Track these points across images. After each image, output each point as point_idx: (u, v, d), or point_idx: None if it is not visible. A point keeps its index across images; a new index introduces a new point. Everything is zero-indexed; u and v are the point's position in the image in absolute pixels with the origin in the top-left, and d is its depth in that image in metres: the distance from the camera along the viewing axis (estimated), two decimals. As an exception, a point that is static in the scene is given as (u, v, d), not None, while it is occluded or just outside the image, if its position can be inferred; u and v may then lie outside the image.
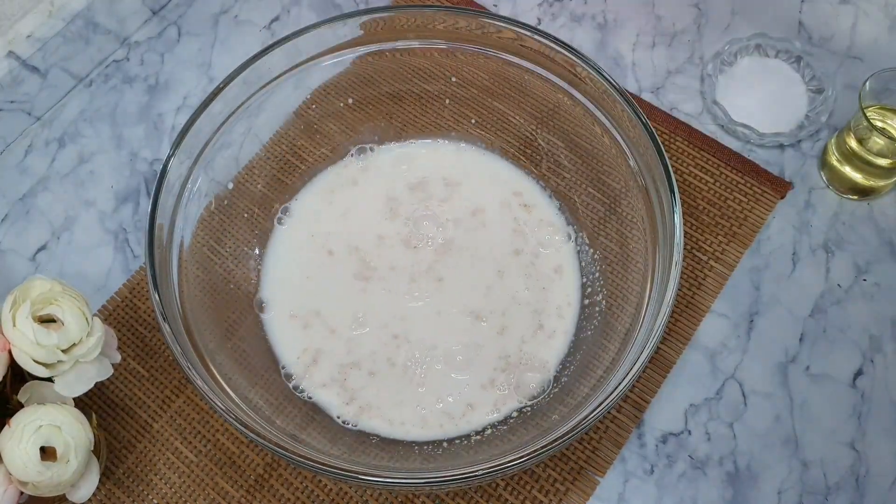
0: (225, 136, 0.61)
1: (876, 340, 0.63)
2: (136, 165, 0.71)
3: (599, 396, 0.51)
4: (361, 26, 0.63)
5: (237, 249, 0.64)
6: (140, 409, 0.61)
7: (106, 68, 0.76)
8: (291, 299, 0.63)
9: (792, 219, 0.67)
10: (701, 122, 0.71)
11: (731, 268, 0.65)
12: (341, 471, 0.49)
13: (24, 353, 0.50)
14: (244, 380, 0.57)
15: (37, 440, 0.50)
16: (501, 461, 0.49)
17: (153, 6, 0.77)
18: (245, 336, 0.61)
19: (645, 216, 0.58)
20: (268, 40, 0.76)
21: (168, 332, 0.52)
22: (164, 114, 0.73)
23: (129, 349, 0.63)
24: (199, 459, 0.60)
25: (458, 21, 0.63)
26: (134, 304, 0.65)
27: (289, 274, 0.64)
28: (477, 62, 0.65)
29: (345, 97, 0.67)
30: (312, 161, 0.67)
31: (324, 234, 0.65)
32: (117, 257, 0.67)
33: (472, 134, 0.68)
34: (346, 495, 0.58)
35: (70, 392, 0.53)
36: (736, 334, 0.63)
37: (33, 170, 0.71)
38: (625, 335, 0.56)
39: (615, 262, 0.62)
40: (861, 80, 0.64)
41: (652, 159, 0.57)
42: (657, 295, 0.54)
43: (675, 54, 0.75)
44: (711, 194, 0.68)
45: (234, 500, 0.58)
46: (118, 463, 0.60)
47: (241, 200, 0.64)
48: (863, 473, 0.59)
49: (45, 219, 0.69)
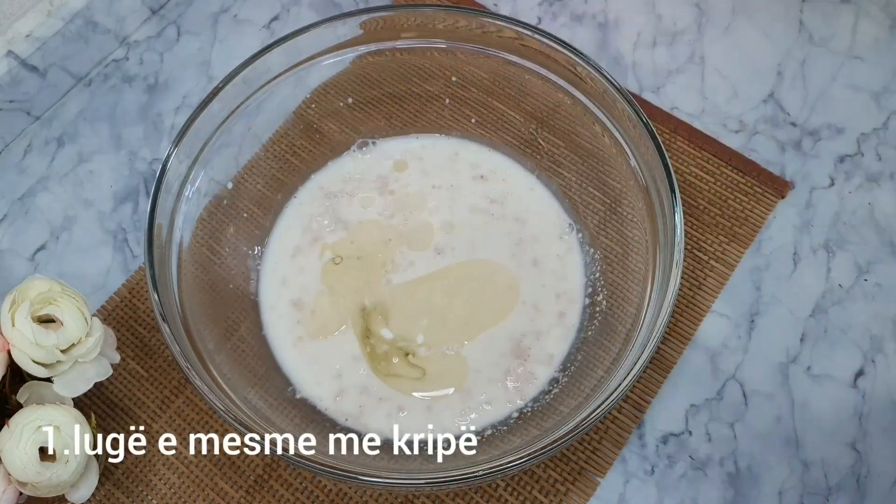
0: (224, 136, 0.61)
1: (877, 340, 0.63)
2: (135, 165, 0.71)
3: (600, 397, 0.51)
4: (361, 26, 0.62)
5: (237, 249, 0.64)
6: (140, 409, 0.61)
7: (105, 68, 0.76)
8: (291, 299, 0.63)
9: (793, 218, 0.67)
10: (702, 122, 0.71)
11: (732, 268, 0.65)
12: (341, 471, 0.49)
13: (23, 353, 0.50)
14: (243, 380, 0.56)
15: (36, 440, 0.50)
16: (501, 461, 0.49)
17: (153, 5, 0.77)
18: (244, 336, 0.61)
19: (645, 216, 0.58)
20: (267, 40, 0.76)
21: (167, 332, 0.52)
22: (164, 113, 0.73)
23: (129, 349, 0.63)
24: (198, 460, 0.59)
25: (458, 20, 0.62)
26: (133, 304, 0.65)
27: (289, 274, 0.64)
28: (477, 62, 0.65)
29: (344, 97, 0.67)
30: (312, 161, 0.67)
31: (324, 234, 0.65)
32: (116, 257, 0.67)
33: (472, 133, 0.68)
34: (346, 495, 0.58)
35: (69, 392, 0.52)
36: (737, 334, 0.63)
37: (32, 169, 0.71)
38: (625, 335, 0.56)
39: (615, 262, 0.62)
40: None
41: (652, 159, 0.57)
42: (658, 295, 0.54)
43: (676, 54, 0.75)
44: (712, 194, 0.67)
45: (234, 500, 0.58)
46: (118, 463, 0.59)
47: (240, 200, 0.64)
48: (864, 474, 0.59)
49: (44, 218, 0.69)
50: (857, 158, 0.69)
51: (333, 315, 0.62)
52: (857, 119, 0.71)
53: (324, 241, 0.65)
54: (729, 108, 0.72)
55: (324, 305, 0.62)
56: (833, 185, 0.68)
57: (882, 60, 0.73)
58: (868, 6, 0.76)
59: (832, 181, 0.69)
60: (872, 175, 0.69)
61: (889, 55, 0.73)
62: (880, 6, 0.76)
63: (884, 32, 0.75)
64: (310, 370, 0.60)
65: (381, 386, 0.59)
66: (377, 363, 0.60)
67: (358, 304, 0.62)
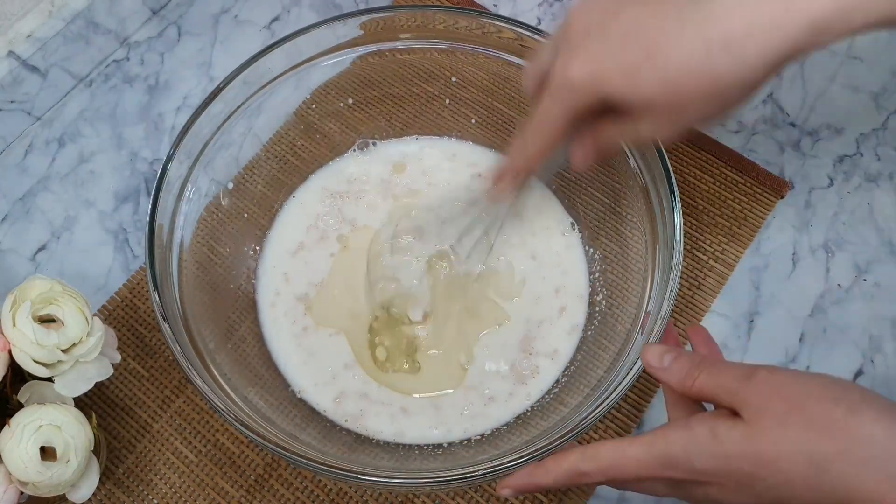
0: (225, 136, 0.61)
1: (876, 340, 0.63)
2: (136, 165, 0.71)
3: (599, 397, 0.51)
4: (361, 26, 0.63)
5: (237, 249, 0.64)
6: (140, 409, 0.61)
7: (106, 68, 0.76)
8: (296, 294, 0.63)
9: (792, 219, 0.67)
10: (701, 122, 0.71)
11: (731, 268, 0.65)
12: (341, 471, 0.49)
13: (24, 352, 0.50)
14: (244, 380, 0.57)
15: (37, 440, 0.50)
16: (501, 461, 0.49)
17: (153, 6, 0.77)
18: (245, 336, 0.61)
19: (645, 216, 0.58)
20: (268, 40, 0.76)
21: (168, 332, 0.52)
22: (164, 114, 0.73)
23: (129, 349, 0.63)
24: (199, 459, 0.60)
25: (458, 21, 0.63)
26: (134, 304, 0.65)
27: (289, 273, 0.64)
28: (477, 62, 0.65)
29: (345, 97, 0.67)
30: (312, 161, 0.67)
31: (325, 233, 0.65)
32: (117, 257, 0.67)
33: (472, 134, 0.68)
34: (346, 495, 0.58)
35: (70, 392, 0.53)
36: (736, 334, 0.63)
37: (33, 170, 0.71)
38: (625, 335, 0.56)
39: (615, 262, 0.62)
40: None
41: (652, 159, 0.57)
42: (657, 295, 0.54)
43: (675, 54, 0.75)
44: (711, 194, 0.68)
45: (234, 499, 0.58)
46: (118, 463, 0.60)
47: (241, 200, 0.64)
48: (863, 473, 0.59)
49: (45, 219, 0.69)
50: (856, 159, 0.69)
51: (334, 313, 0.62)
52: (856, 119, 0.71)
53: (334, 234, 0.65)
54: (728, 109, 0.72)
55: (332, 294, 0.62)
56: (832, 186, 0.68)
57: (881, 61, 0.73)
58: (867, 7, 0.76)
59: (831, 181, 0.69)
60: (871, 175, 0.69)
61: (888, 56, 0.73)
62: (879, 7, 0.76)
63: (883, 33, 0.75)
64: (309, 372, 0.60)
65: (380, 387, 0.60)
66: (376, 350, 0.60)
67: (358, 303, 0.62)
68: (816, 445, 0.39)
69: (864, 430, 0.39)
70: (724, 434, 0.41)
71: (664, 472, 0.43)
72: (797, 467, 0.39)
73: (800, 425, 0.40)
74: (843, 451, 0.39)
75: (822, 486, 0.39)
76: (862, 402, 0.40)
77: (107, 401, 0.61)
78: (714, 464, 0.41)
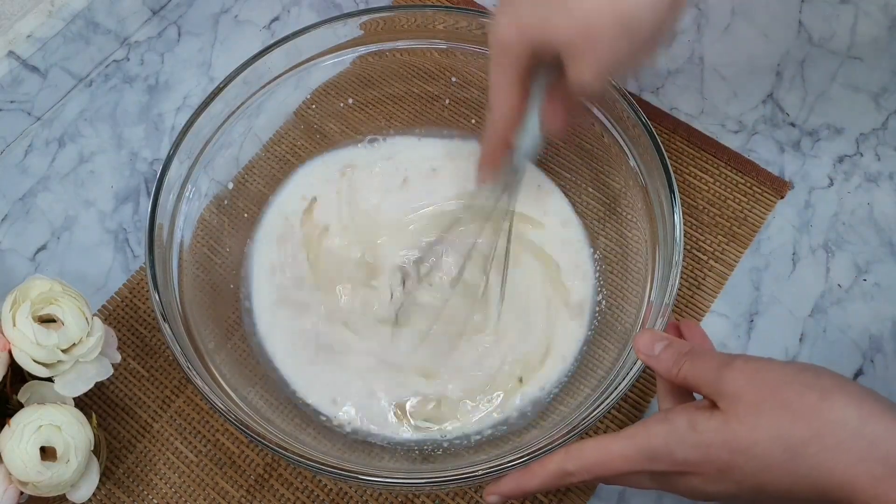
0: (225, 136, 0.61)
1: (876, 340, 0.63)
2: (136, 165, 0.71)
3: (599, 396, 0.51)
4: (361, 26, 0.63)
5: (237, 249, 0.64)
6: (140, 409, 0.61)
7: (106, 68, 0.76)
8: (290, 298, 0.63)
9: (792, 219, 0.67)
10: (701, 122, 0.71)
11: (731, 268, 0.65)
12: (341, 471, 0.49)
13: (24, 352, 0.51)
14: (244, 379, 0.57)
15: (37, 440, 0.50)
16: (501, 461, 0.49)
17: (153, 6, 0.77)
18: (245, 336, 0.61)
19: (645, 216, 0.58)
20: (268, 40, 0.76)
21: (168, 332, 0.52)
22: (164, 114, 0.73)
23: (129, 349, 0.63)
24: (199, 459, 0.60)
25: (458, 21, 0.63)
26: (134, 304, 0.65)
27: (289, 273, 0.64)
28: (477, 62, 0.65)
29: (345, 97, 0.67)
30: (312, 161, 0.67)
31: (325, 233, 0.65)
32: (117, 257, 0.67)
33: (472, 134, 0.68)
34: (346, 495, 0.58)
35: (70, 392, 0.53)
36: (736, 334, 0.63)
37: (33, 170, 0.71)
38: (625, 335, 0.56)
39: (615, 262, 0.62)
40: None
41: (652, 159, 0.57)
42: (657, 295, 0.54)
43: (675, 54, 0.75)
44: (711, 194, 0.68)
45: (234, 499, 0.58)
46: (118, 463, 0.60)
47: (241, 200, 0.64)
48: (863, 473, 0.59)
49: (45, 219, 0.69)
50: (856, 159, 0.69)
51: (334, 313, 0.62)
52: (857, 119, 0.71)
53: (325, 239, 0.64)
54: (728, 109, 0.72)
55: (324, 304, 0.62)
56: (832, 186, 0.68)
57: (881, 61, 0.73)
58: (867, 6, 0.76)
59: (831, 181, 0.69)
60: (871, 175, 0.69)
61: (888, 55, 0.73)
62: (879, 6, 0.76)
63: (883, 33, 0.75)
64: (310, 369, 0.60)
65: (380, 388, 0.59)
66: None
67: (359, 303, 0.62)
68: (790, 430, 0.40)
69: (835, 415, 0.40)
70: (702, 424, 0.42)
71: (648, 466, 0.44)
72: (773, 453, 0.40)
73: (774, 412, 0.40)
74: (816, 435, 0.39)
75: (799, 470, 0.40)
76: (834, 387, 0.41)
77: (107, 401, 0.61)
78: (694, 454, 0.42)
